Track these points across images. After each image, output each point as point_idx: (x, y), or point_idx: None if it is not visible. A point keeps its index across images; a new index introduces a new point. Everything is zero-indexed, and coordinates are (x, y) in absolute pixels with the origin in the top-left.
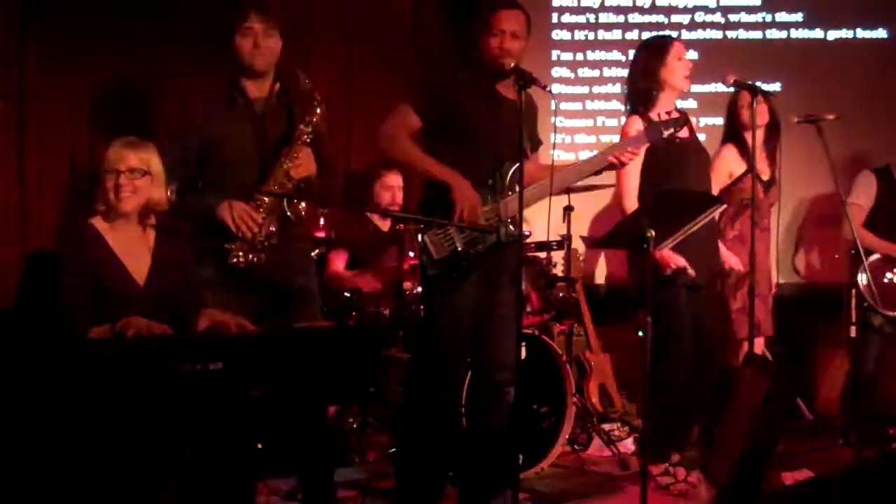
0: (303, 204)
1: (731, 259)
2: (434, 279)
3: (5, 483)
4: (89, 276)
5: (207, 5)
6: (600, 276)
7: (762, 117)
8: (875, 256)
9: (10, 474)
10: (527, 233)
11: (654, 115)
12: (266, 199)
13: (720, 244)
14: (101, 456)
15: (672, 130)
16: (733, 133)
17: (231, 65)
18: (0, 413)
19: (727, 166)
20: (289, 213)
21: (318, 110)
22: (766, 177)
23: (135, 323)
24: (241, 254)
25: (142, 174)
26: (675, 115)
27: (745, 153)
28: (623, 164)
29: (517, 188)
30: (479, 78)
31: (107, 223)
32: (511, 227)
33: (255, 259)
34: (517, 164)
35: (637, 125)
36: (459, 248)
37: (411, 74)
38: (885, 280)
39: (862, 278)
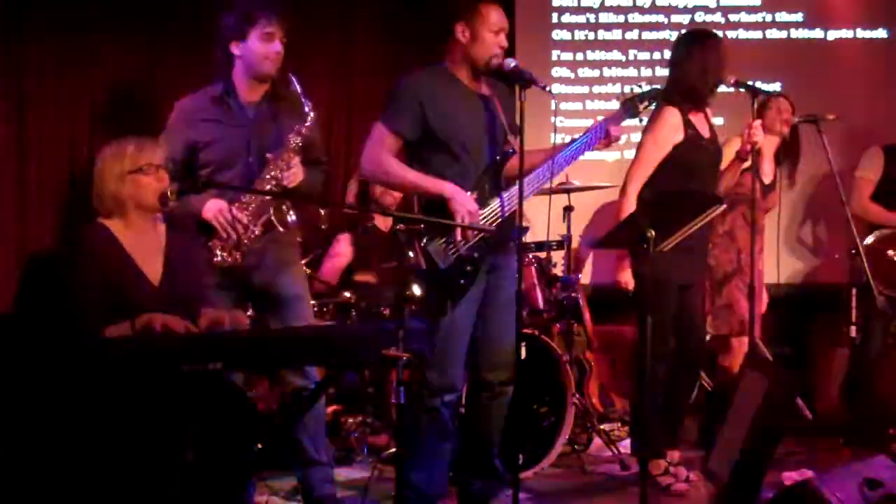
0: (291, 215)
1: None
2: (442, 287)
3: (7, 482)
4: (102, 276)
5: (207, 7)
6: (595, 276)
7: (788, 124)
8: (876, 234)
9: (11, 474)
10: (526, 226)
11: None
12: (252, 203)
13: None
14: (102, 456)
15: (646, 104)
16: None
17: (223, 63)
18: (2, 414)
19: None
20: (273, 220)
21: (309, 117)
22: (768, 180)
23: (155, 317)
24: (220, 252)
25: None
26: (646, 87)
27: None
28: (610, 142)
29: (511, 183)
30: (453, 81)
31: (118, 223)
32: (511, 223)
33: (232, 259)
34: (507, 160)
35: (676, 118)
36: (463, 253)
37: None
38: (887, 258)
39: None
